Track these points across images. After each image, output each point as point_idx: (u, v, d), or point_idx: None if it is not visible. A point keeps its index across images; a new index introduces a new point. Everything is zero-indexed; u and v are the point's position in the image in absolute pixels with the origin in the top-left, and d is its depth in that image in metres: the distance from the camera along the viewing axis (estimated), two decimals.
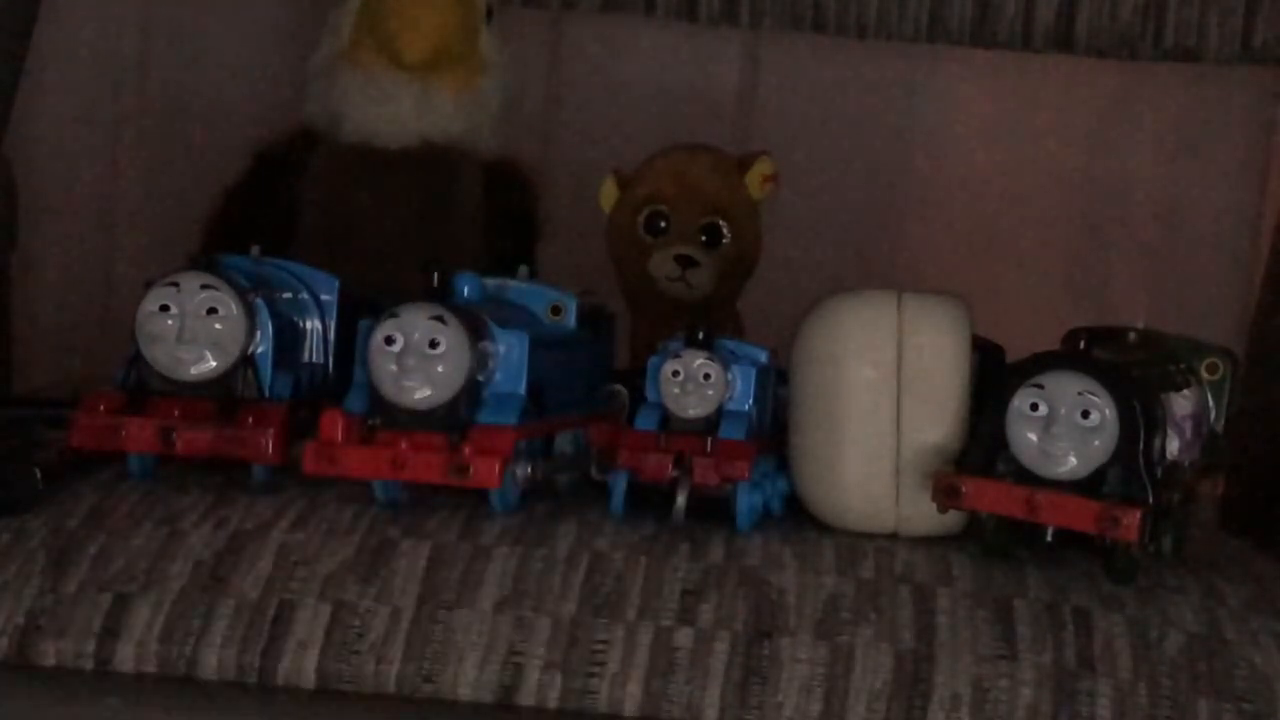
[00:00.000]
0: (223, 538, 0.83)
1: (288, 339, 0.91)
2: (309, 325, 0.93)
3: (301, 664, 0.78)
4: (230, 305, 0.87)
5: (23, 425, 0.99)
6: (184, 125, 1.41)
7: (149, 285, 0.88)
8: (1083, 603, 0.81)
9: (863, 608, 0.80)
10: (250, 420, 0.87)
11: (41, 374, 1.26)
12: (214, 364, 0.88)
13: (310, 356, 0.93)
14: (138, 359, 0.88)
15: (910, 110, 1.41)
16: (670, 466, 0.88)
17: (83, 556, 0.82)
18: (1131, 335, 0.92)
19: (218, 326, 0.87)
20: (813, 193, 1.37)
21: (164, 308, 0.87)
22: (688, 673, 0.77)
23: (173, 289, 0.87)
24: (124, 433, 0.87)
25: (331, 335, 0.93)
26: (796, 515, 0.91)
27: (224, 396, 0.88)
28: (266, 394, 0.88)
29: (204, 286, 0.87)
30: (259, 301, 0.89)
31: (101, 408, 0.87)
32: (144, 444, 0.87)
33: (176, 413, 0.87)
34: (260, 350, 0.89)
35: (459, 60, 1.13)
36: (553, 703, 0.77)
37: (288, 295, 0.92)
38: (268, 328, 0.89)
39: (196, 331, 0.87)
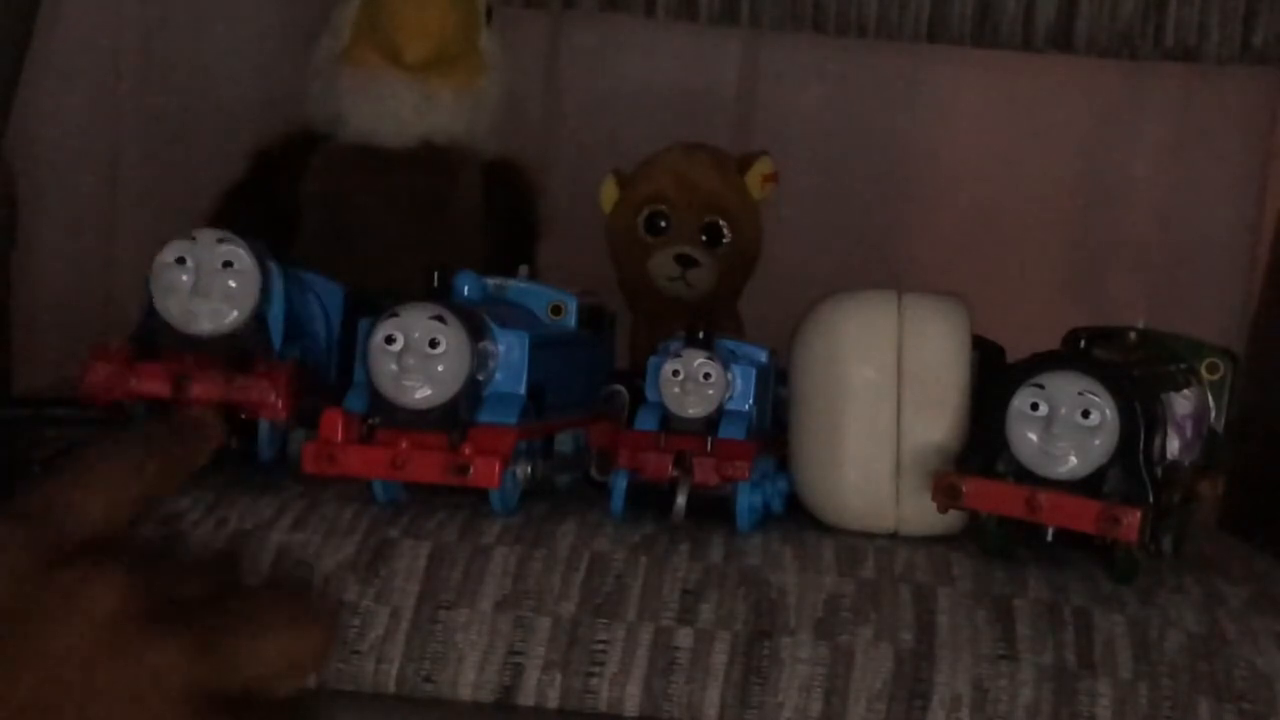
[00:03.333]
0: (222, 538, 0.83)
1: (295, 327, 0.91)
2: (312, 330, 0.93)
3: None
4: (246, 259, 0.87)
5: (23, 425, 0.99)
6: (184, 125, 1.41)
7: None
8: (1083, 603, 0.81)
9: (863, 608, 0.80)
10: (260, 374, 0.86)
11: (41, 374, 1.26)
12: (227, 318, 0.87)
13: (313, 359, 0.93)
14: (150, 314, 0.87)
15: (910, 110, 1.41)
16: (670, 466, 0.88)
17: None
18: (1131, 335, 0.92)
19: (232, 283, 0.87)
20: (812, 192, 1.37)
21: (180, 260, 0.87)
22: (688, 673, 0.77)
23: (190, 242, 0.87)
24: (135, 381, 0.86)
25: (334, 340, 0.93)
26: (796, 515, 0.91)
27: (234, 351, 0.87)
28: (276, 353, 0.88)
29: (220, 241, 0.87)
30: (273, 264, 0.88)
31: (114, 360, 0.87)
32: (155, 390, 0.86)
33: (190, 361, 0.86)
34: (273, 312, 0.88)
35: (459, 60, 1.13)
36: (553, 703, 0.77)
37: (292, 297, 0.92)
38: (280, 290, 0.88)
39: (211, 285, 0.86)
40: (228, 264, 0.86)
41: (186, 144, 1.39)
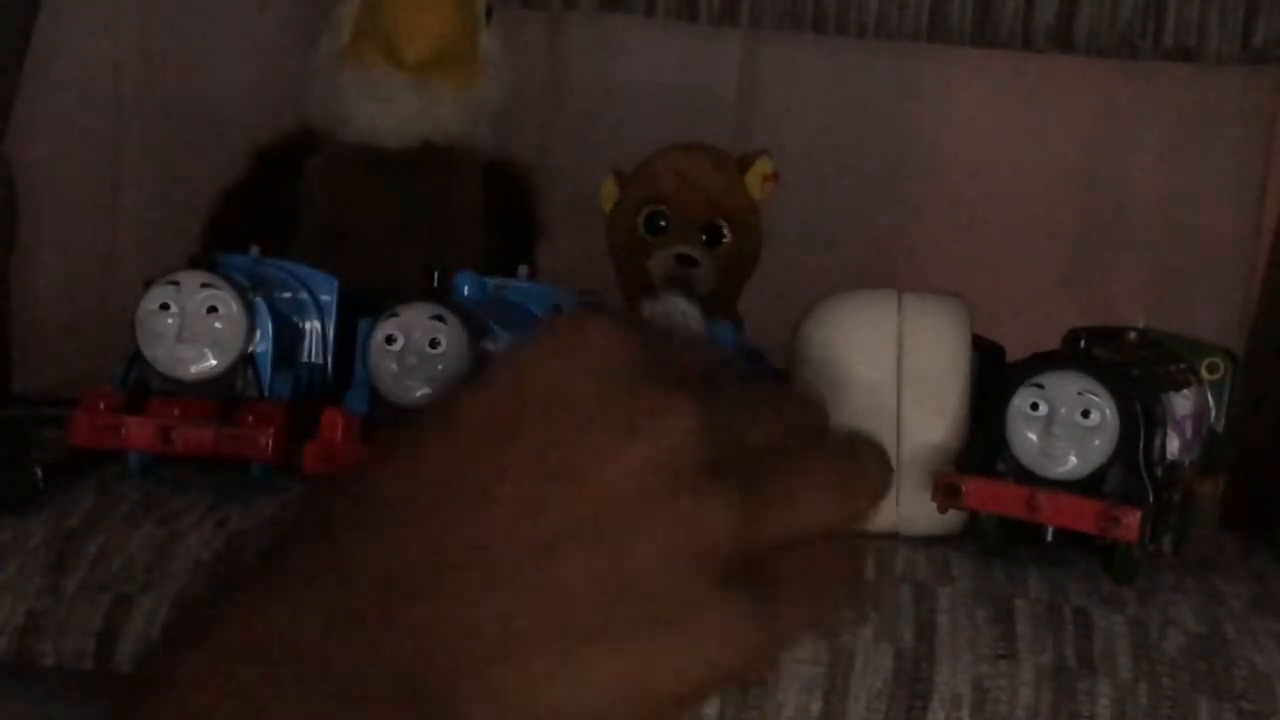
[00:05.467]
0: (222, 538, 0.83)
1: (287, 339, 0.91)
2: (308, 325, 0.93)
3: None
4: (230, 304, 0.87)
5: (23, 425, 0.99)
6: (184, 125, 1.41)
7: (149, 284, 0.88)
8: (1083, 603, 0.81)
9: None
10: (250, 419, 0.86)
11: (41, 374, 1.26)
12: (214, 363, 0.87)
13: (310, 356, 0.93)
14: (137, 358, 0.88)
15: (910, 110, 1.41)
16: None
17: (83, 556, 0.82)
18: (1131, 335, 0.92)
19: (218, 325, 0.87)
20: (813, 192, 1.37)
21: (164, 306, 0.87)
22: None
23: (173, 288, 0.87)
24: (124, 432, 0.87)
25: (331, 335, 0.93)
26: None
27: (224, 395, 0.87)
28: (266, 393, 0.88)
29: (204, 285, 0.87)
30: (259, 300, 0.88)
31: (101, 406, 0.87)
32: (144, 443, 0.87)
33: (176, 412, 0.87)
34: (260, 349, 0.89)
35: (459, 60, 1.13)
36: None
37: (287, 295, 0.92)
38: (267, 327, 0.89)
39: (196, 330, 0.87)
40: (212, 309, 0.87)
41: (186, 144, 1.39)
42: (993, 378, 0.87)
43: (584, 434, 0.40)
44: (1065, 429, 0.81)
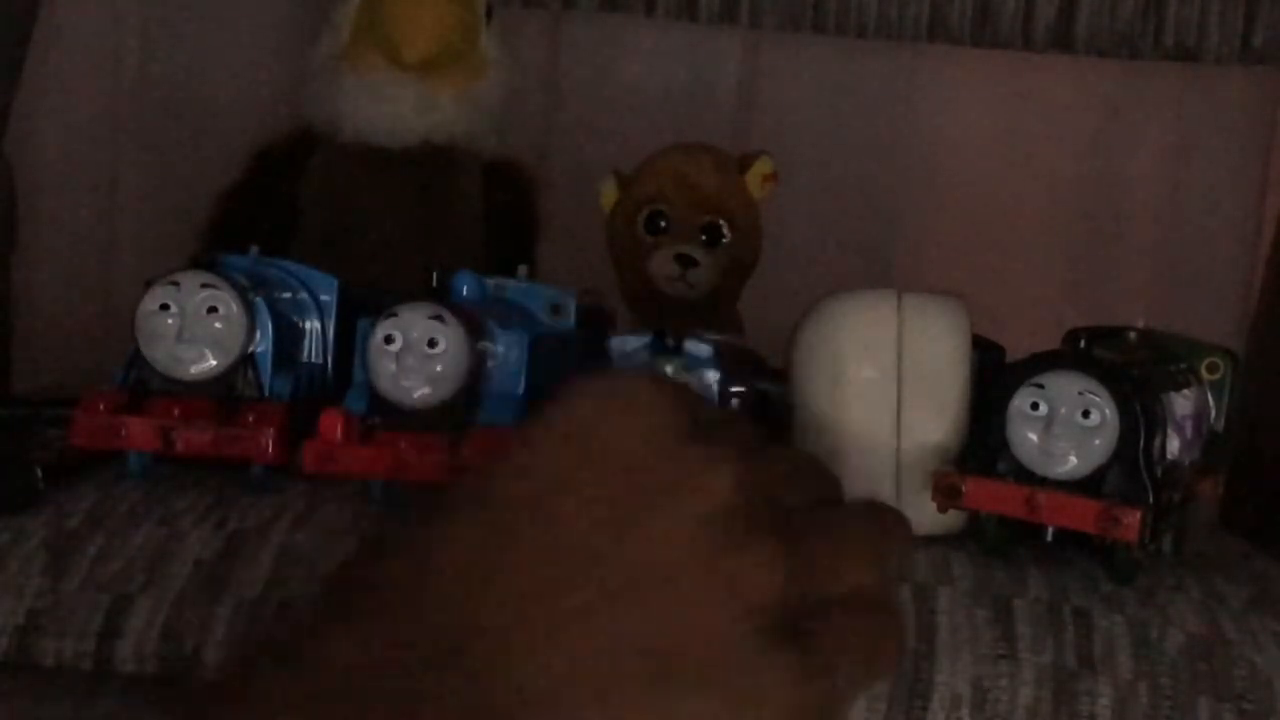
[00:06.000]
0: (222, 538, 0.83)
1: (287, 339, 0.91)
2: (308, 325, 0.93)
3: None
4: (230, 304, 0.87)
5: (23, 425, 0.99)
6: (184, 125, 1.41)
7: (149, 285, 0.88)
8: (1083, 603, 0.81)
9: None
10: (250, 419, 0.86)
11: (41, 374, 1.26)
12: (214, 363, 0.87)
13: (309, 356, 0.93)
14: (137, 358, 0.88)
15: (910, 110, 1.41)
16: None
17: (83, 556, 0.82)
18: (1131, 335, 0.92)
19: (218, 326, 0.87)
20: (812, 192, 1.37)
21: (164, 306, 0.87)
22: None
23: (173, 288, 0.87)
24: (124, 432, 0.87)
25: (331, 335, 0.93)
26: None
27: (224, 396, 0.87)
28: (266, 393, 0.88)
29: (204, 285, 0.87)
30: (259, 301, 0.89)
31: (101, 407, 0.87)
32: (144, 443, 0.87)
33: (176, 412, 0.87)
34: (260, 350, 0.89)
35: (459, 60, 1.13)
36: None
37: (287, 295, 0.92)
38: (267, 327, 0.89)
39: (196, 330, 0.87)
40: (212, 309, 0.87)
41: (186, 144, 1.39)
42: (993, 378, 0.86)
43: (633, 489, 0.41)
44: (1065, 429, 0.81)
